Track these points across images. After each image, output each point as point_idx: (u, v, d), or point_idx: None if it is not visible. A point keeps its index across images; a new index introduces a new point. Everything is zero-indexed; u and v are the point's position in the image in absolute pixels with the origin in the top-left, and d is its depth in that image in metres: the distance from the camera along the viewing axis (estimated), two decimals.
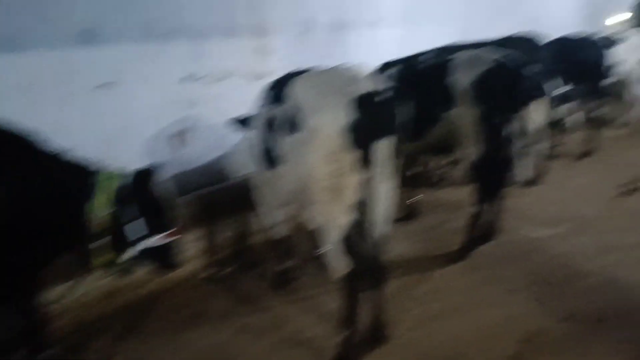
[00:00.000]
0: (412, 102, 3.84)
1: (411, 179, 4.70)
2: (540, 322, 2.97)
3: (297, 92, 2.62)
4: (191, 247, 3.80)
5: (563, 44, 5.69)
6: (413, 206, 4.69)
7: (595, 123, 6.14)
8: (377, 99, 2.51)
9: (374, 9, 5.78)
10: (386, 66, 4.26)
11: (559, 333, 2.88)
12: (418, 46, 4.99)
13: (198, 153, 4.11)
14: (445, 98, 3.63)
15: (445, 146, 3.94)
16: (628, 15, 8.31)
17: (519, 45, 4.96)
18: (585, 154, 6.10)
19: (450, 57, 3.70)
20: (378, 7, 5.83)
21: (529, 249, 3.85)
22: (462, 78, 3.53)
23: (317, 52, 5.06)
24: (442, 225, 4.50)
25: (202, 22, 4.04)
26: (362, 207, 2.57)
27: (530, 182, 5.21)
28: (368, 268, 2.68)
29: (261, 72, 4.43)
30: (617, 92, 9.48)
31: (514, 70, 3.56)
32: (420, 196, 4.71)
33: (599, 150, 6.24)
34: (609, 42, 6.65)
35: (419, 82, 3.85)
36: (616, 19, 8.59)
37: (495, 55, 3.56)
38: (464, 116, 3.58)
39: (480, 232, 3.96)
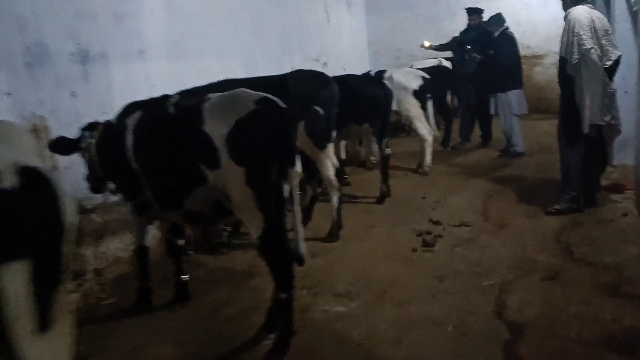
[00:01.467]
0: (157, 159, 2.88)
1: (179, 249, 3.64)
2: None
3: None
4: None
5: (347, 81, 5.24)
6: (181, 285, 3.62)
7: (388, 161, 5.84)
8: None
9: (135, 39, 4.72)
10: (129, 109, 3.21)
11: None
12: (192, 82, 4.21)
13: None
14: (200, 153, 2.71)
15: (219, 212, 3.01)
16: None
17: (303, 82, 4.38)
18: (382, 197, 5.71)
19: (201, 99, 2.78)
20: (140, 36, 4.78)
21: (322, 336, 3.04)
22: (217, 127, 2.64)
23: (58, 88, 3.97)
24: (220, 309, 3.50)
25: None
26: None
27: (327, 238, 4.57)
28: None
29: None
30: (407, 129, 9.75)
31: (280, 114, 2.75)
32: (186, 277, 3.64)
33: (397, 191, 5.91)
34: (385, 78, 6.57)
35: (166, 131, 2.87)
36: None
37: (256, 96, 2.72)
38: (227, 175, 2.69)
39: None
